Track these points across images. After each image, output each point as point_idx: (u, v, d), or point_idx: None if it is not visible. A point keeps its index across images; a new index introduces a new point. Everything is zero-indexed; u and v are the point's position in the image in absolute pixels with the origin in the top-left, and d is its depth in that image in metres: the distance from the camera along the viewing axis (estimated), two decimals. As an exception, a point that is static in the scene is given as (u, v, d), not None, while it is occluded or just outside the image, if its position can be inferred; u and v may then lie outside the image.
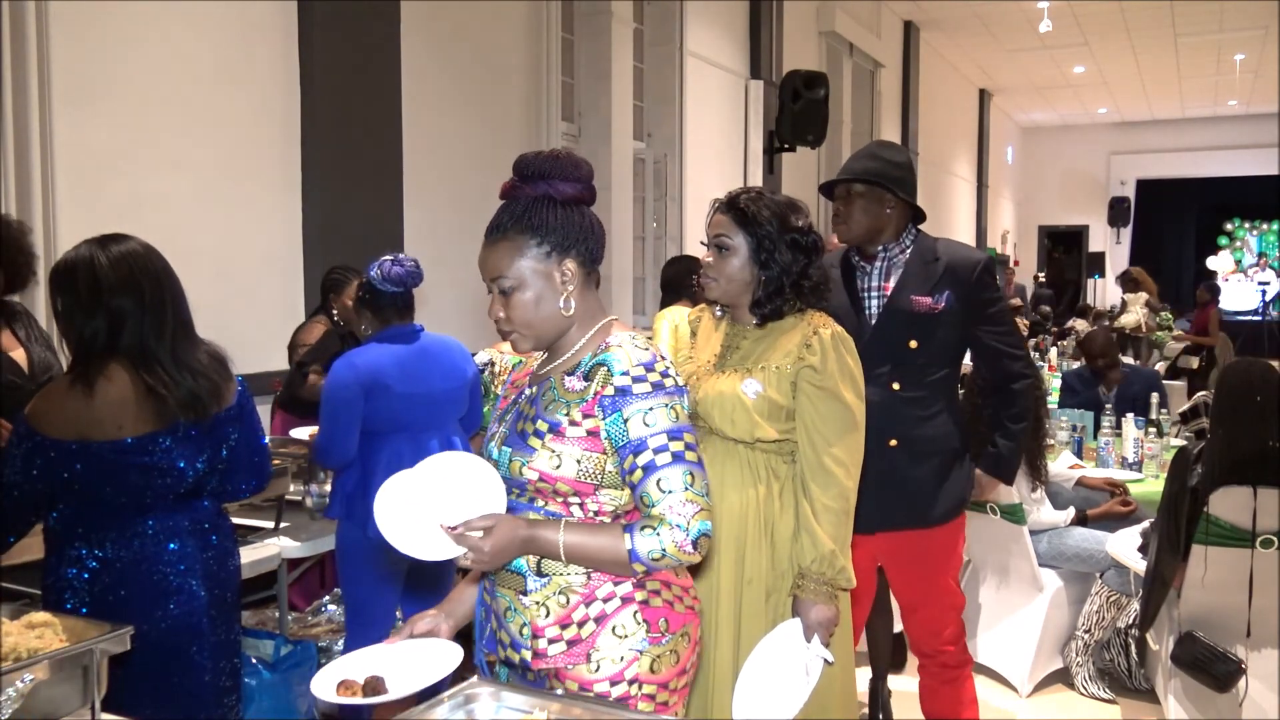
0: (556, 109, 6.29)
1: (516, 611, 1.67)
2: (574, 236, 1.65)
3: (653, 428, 1.58)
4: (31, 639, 1.61)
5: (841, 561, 2.11)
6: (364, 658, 1.63)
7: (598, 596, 1.64)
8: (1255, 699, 2.98)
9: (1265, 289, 17.99)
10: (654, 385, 1.60)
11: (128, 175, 3.76)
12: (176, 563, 2.09)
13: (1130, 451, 4.49)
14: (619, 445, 1.60)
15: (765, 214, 2.19)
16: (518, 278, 1.63)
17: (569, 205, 1.66)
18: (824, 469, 2.12)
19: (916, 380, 2.59)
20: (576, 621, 1.63)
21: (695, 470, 1.61)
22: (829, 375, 2.14)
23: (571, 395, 1.63)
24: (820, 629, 2.10)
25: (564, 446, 1.61)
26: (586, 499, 1.63)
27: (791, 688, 2.09)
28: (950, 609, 2.72)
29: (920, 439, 2.59)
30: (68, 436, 1.99)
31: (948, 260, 2.61)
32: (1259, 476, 2.89)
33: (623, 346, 1.63)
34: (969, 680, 2.77)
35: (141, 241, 2.10)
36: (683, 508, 1.57)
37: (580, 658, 1.63)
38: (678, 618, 1.69)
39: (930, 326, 2.58)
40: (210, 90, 4.08)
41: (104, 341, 2.02)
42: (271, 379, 4.02)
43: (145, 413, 2.03)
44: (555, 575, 1.64)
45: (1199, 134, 18.21)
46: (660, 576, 1.68)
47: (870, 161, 2.65)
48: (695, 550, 1.59)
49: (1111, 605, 3.80)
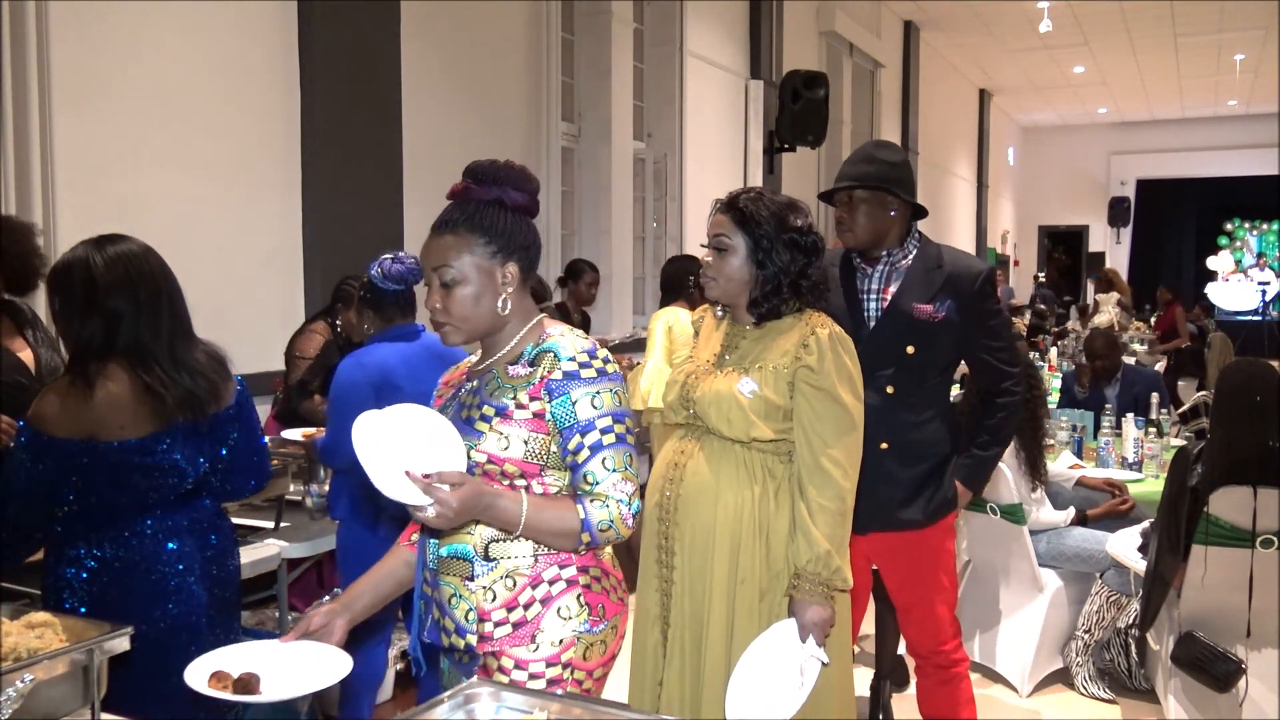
0: (556, 109, 6.29)
1: (462, 598, 1.72)
2: (519, 243, 1.74)
3: (599, 410, 1.68)
4: (31, 639, 1.61)
5: (837, 562, 2.11)
6: (248, 652, 1.63)
7: (544, 579, 1.71)
8: (1255, 699, 2.98)
9: (1265, 289, 18.00)
10: (598, 371, 1.70)
11: (128, 175, 3.76)
12: (175, 562, 2.09)
13: (1130, 451, 4.49)
14: (564, 426, 1.68)
15: (764, 214, 2.19)
16: (461, 273, 1.70)
17: (517, 213, 1.74)
18: (821, 469, 2.12)
19: (911, 385, 2.58)
20: (523, 604, 1.70)
21: (633, 452, 1.73)
22: (826, 375, 2.14)
23: (517, 380, 1.71)
24: (815, 630, 2.10)
25: (511, 429, 1.68)
26: (533, 480, 1.70)
27: (785, 689, 2.09)
28: (944, 608, 2.71)
29: (911, 443, 2.58)
30: (74, 436, 1.99)
31: (950, 269, 2.59)
32: (1259, 476, 2.89)
33: (565, 336, 1.73)
34: (965, 680, 2.77)
35: (139, 242, 2.10)
36: (624, 485, 1.69)
37: (525, 639, 1.70)
38: (613, 607, 1.78)
39: (929, 334, 2.57)
40: (210, 90, 4.08)
41: (101, 342, 2.02)
42: (271, 379, 4.02)
43: (144, 412, 2.03)
44: (502, 559, 1.70)
45: (1199, 134, 18.21)
46: (601, 564, 1.77)
47: (868, 165, 2.63)
48: (632, 525, 1.70)
49: (1111, 605, 3.80)
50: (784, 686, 2.09)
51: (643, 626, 2.31)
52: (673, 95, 7.62)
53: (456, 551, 1.72)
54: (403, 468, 1.56)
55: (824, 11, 10.04)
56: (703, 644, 2.18)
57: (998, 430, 2.72)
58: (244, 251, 4.23)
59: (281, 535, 3.07)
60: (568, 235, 6.84)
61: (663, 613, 2.26)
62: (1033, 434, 3.83)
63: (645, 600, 2.31)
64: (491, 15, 5.75)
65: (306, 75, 4.43)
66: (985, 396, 2.72)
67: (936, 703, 2.78)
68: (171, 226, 3.74)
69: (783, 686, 2.09)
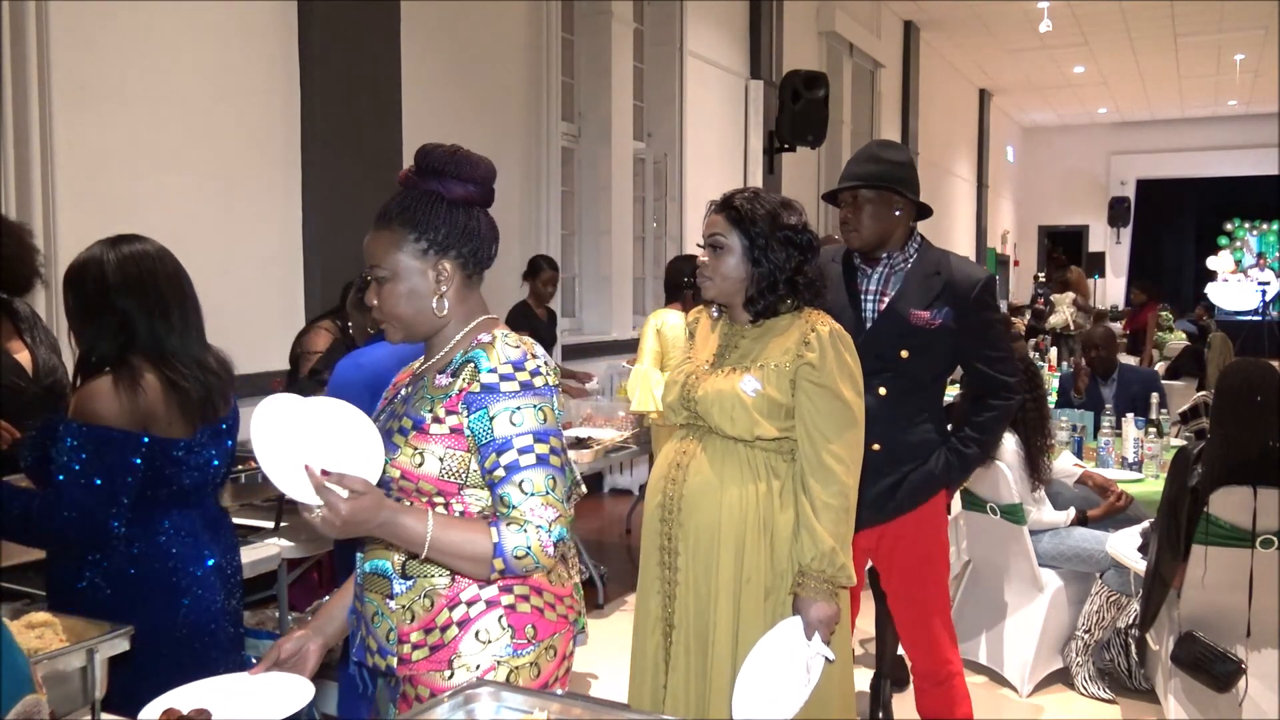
0: (556, 109, 6.29)
1: (384, 616, 1.62)
2: (456, 237, 1.62)
3: (519, 427, 1.54)
4: (31, 639, 1.61)
5: (842, 559, 2.11)
6: (204, 689, 1.58)
7: (461, 599, 1.59)
8: (1255, 699, 2.98)
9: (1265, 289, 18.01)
10: (522, 385, 1.56)
11: (128, 175, 3.76)
12: (190, 561, 2.09)
13: (1130, 451, 4.49)
14: (482, 443, 1.55)
15: (758, 213, 2.20)
16: (392, 270, 1.61)
17: (456, 206, 1.63)
18: (823, 466, 2.12)
19: (904, 389, 2.58)
20: (440, 625, 1.59)
21: (557, 475, 1.57)
22: (827, 372, 2.14)
23: (437, 391, 1.59)
24: (821, 627, 2.10)
25: (427, 444, 1.57)
26: (451, 499, 1.58)
27: (791, 686, 2.09)
28: (939, 620, 2.70)
29: (902, 445, 2.58)
30: (133, 429, 1.97)
31: (948, 276, 2.58)
32: (1259, 476, 2.89)
33: (494, 344, 1.59)
34: (959, 678, 2.76)
35: (155, 243, 2.11)
36: (544, 510, 1.54)
37: (442, 664, 1.58)
38: (547, 625, 1.63)
39: (924, 340, 2.57)
40: (210, 90, 4.08)
41: (118, 341, 2.02)
42: (271, 379, 4.01)
43: (176, 409, 2.04)
44: (420, 578, 1.60)
45: (1199, 134, 18.22)
46: (531, 582, 1.62)
47: (874, 165, 2.63)
48: (554, 554, 1.55)
49: (1111, 605, 3.80)
50: (790, 685, 2.09)
51: (643, 629, 2.30)
52: (673, 95, 7.63)
53: (377, 568, 1.63)
54: (304, 461, 1.46)
55: (824, 11, 10.04)
56: (709, 645, 2.17)
57: (984, 429, 2.67)
58: (244, 251, 4.23)
59: (281, 535, 3.07)
60: (568, 235, 6.85)
61: (665, 615, 2.26)
62: (1039, 430, 3.83)
63: (646, 603, 2.30)
64: (491, 15, 5.75)
65: (306, 75, 4.43)
66: (978, 397, 2.71)
67: (932, 702, 2.78)
68: (171, 227, 3.73)
69: (789, 685, 2.09)
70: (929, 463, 2.62)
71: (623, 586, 4.88)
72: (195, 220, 3.99)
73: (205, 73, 4.05)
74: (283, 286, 4.41)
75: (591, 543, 5.80)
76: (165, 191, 3.89)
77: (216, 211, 4.10)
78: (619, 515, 6.52)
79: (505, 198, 5.95)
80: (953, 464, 2.65)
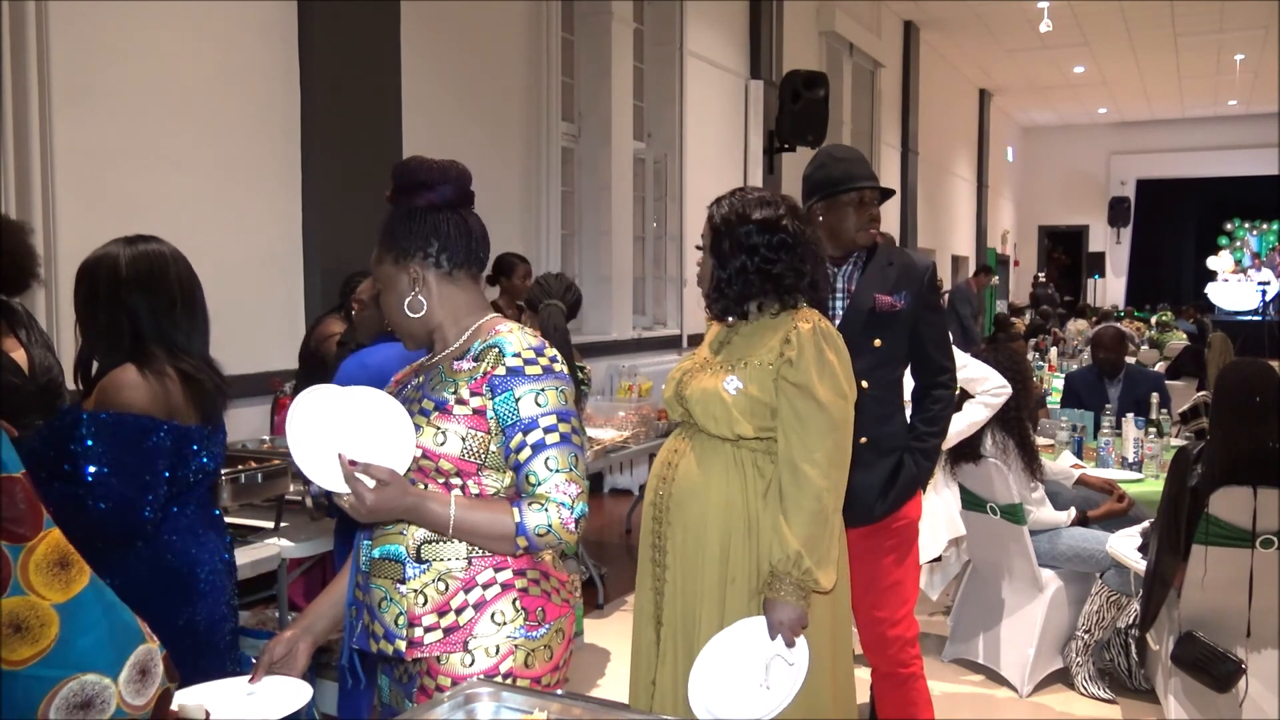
0: (556, 109, 6.29)
1: (393, 601, 1.65)
2: (417, 243, 1.71)
3: (543, 407, 1.63)
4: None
5: (807, 563, 2.06)
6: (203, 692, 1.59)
7: (478, 582, 1.65)
8: (1255, 699, 2.98)
9: (1265, 289, 18.02)
10: (544, 369, 1.66)
11: (127, 175, 3.76)
12: (198, 562, 2.09)
13: (1130, 451, 4.49)
14: (507, 424, 1.63)
15: (724, 211, 2.24)
16: (382, 282, 1.77)
17: (424, 213, 1.72)
18: (797, 469, 2.10)
19: (880, 379, 2.63)
20: (455, 608, 1.64)
21: (579, 454, 1.67)
22: (804, 371, 2.11)
23: (460, 375, 1.66)
24: (784, 629, 2.07)
25: (449, 424, 1.63)
26: (469, 479, 1.65)
27: (747, 685, 2.06)
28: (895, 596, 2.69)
29: (884, 436, 2.63)
30: (163, 417, 1.98)
31: (900, 264, 2.70)
32: (1259, 476, 2.89)
33: (513, 332, 1.69)
34: (921, 681, 2.75)
35: (169, 245, 2.13)
36: (568, 486, 1.62)
37: (457, 646, 1.63)
38: (554, 609, 1.70)
39: (891, 324, 2.64)
40: (210, 90, 4.08)
41: (130, 333, 2.03)
42: (271, 379, 4.02)
43: (191, 401, 2.06)
44: (435, 561, 1.64)
45: (1199, 134, 18.23)
46: (540, 566, 1.70)
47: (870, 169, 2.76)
48: (575, 530, 1.63)
49: (1111, 605, 3.80)
50: (746, 683, 2.06)
51: (639, 625, 2.32)
52: (673, 95, 7.63)
53: (388, 553, 1.67)
54: (337, 449, 1.53)
55: (824, 11, 10.05)
56: (695, 642, 2.17)
57: (935, 421, 2.75)
58: (244, 251, 4.23)
59: (282, 535, 3.08)
60: (568, 235, 6.85)
61: (656, 611, 2.27)
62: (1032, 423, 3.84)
63: (641, 599, 2.32)
64: (491, 15, 5.75)
65: (306, 75, 4.43)
66: (921, 391, 2.77)
67: (891, 705, 2.76)
68: (171, 226, 3.69)
69: (746, 683, 2.06)
70: (907, 466, 2.66)
71: (623, 587, 4.87)
72: (195, 220, 3.98)
73: (205, 73, 4.05)
74: (283, 286, 4.41)
75: (591, 543, 5.79)
76: (165, 191, 3.89)
77: (216, 211, 4.10)
78: (619, 515, 6.52)
79: (505, 198, 5.98)
80: (920, 462, 2.72)
